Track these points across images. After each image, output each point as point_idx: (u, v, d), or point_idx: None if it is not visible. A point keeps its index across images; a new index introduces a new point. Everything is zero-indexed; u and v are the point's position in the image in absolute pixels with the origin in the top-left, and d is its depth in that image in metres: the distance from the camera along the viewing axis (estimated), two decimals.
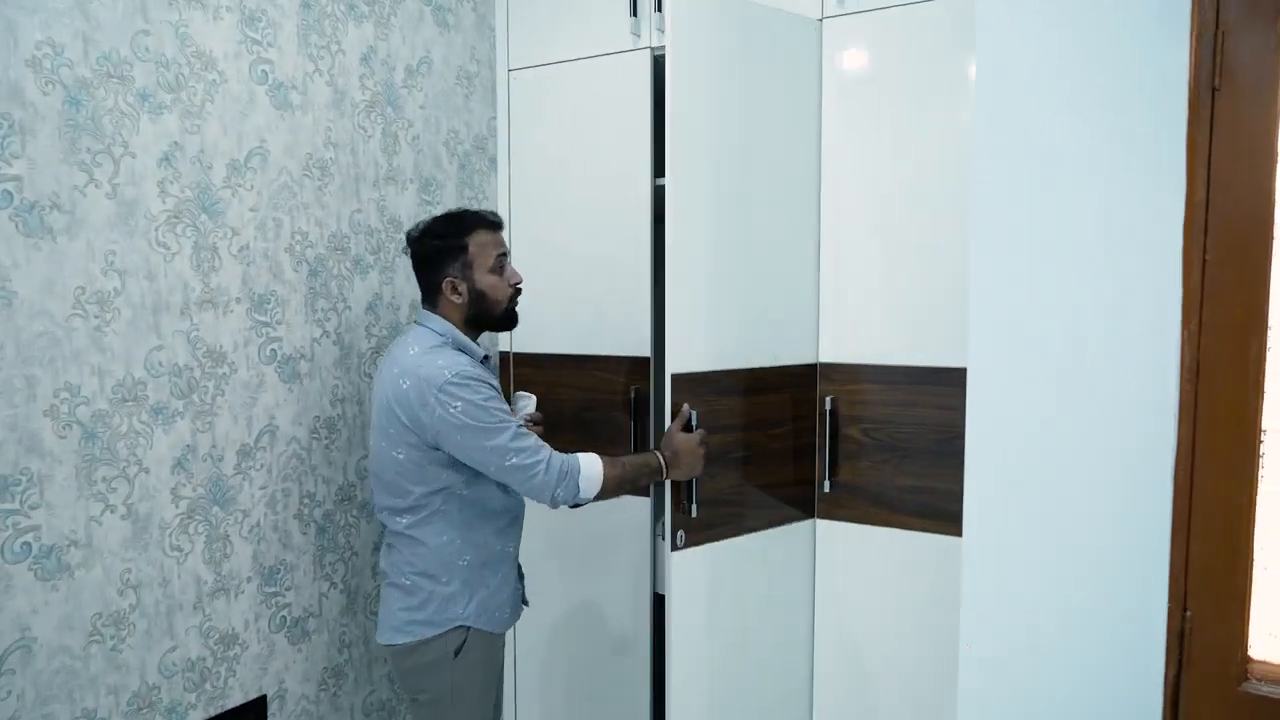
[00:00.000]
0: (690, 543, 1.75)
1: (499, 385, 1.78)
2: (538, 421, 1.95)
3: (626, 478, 1.72)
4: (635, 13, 2.20)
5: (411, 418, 1.66)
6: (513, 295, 1.80)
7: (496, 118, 2.43)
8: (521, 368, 2.40)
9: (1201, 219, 1.15)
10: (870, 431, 1.98)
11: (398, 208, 2.16)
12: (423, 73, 2.21)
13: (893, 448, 1.96)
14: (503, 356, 2.41)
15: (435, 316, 1.76)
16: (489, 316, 1.79)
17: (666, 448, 1.72)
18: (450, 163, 2.30)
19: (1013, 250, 1.26)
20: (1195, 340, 1.16)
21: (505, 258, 1.79)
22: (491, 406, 1.65)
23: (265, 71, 1.85)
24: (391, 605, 1.76)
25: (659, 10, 2.17)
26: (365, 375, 2.09)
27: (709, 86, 1.77)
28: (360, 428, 2.08)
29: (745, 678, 1.93)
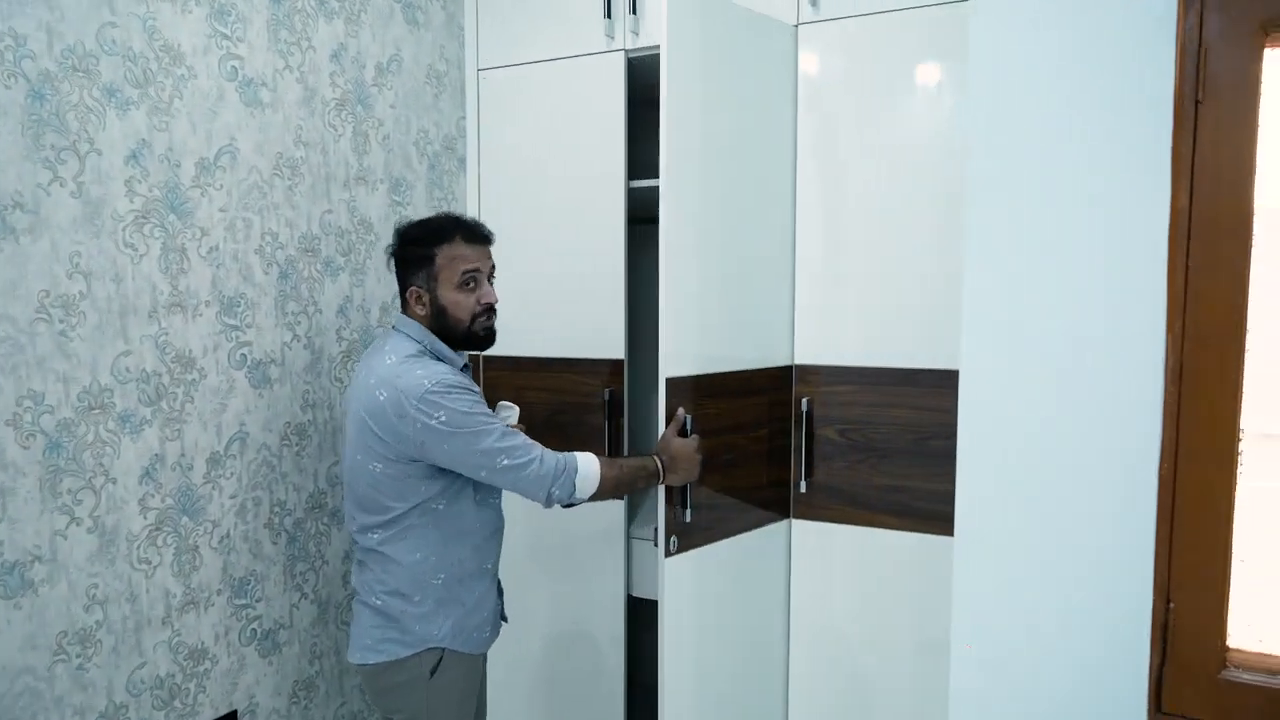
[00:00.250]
0: (682, 548, 1.75)
1: (481, 391, 1.75)
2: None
3: (623, 480, 1.70)
4: (609, 14, 2.19)
5: (388, 430, 1.60)
6: (478, 315, 1.69)
7: (465, 118, 2.40)
8: (491, 371, 2.38)
9: (1185, 226, 1.20)
10: (846, 432, 2.01)
11: (368, 208, 2.11)
12: (393, 71, 2.17)
13: (868, 448, 1.99)
14: (471, 360, 2.38)
15: (413, 322, 1.70)
16: (449, 334, 1.69)
17: (663, 452, 1.71)
18: (420, 163, 2.26)
19: (1006, 256, 1.29)
20: (1179, 344, 1.21)
21: (477, 274, 1.68)
22: (476, 411, 1.62)
23: (235, 67, 1.79)
24: (363, 624, 1.71)
25: (633, 13, 2.17)
26: (336, 380, 2.04)
27: (697, 88, 1.78)
28: (331, 433, 2.03)
29: (728, 680, 1.94)
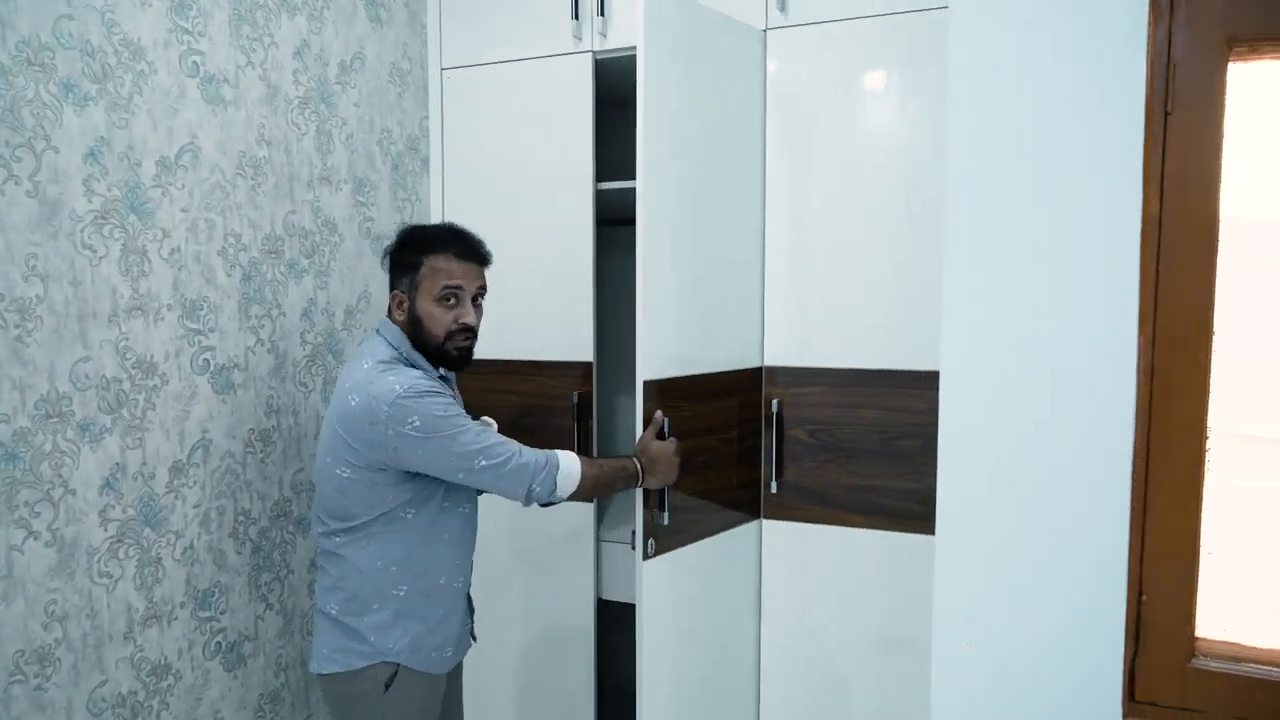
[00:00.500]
0: (658, 550, 1.75)
1: (459, 398, 1.73)
2: None
3: (603, 480, 1.69)
4: (576, 16, 2.19)
5: (358, 436, 1.57)
6: (453, 334, 1.65)
7: (429, 117, 2.36)
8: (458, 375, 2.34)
9: (1155, 233, 1.25)
10: (815, 433, 2.04)
11: (332, 209, 2.07)
12: (356, 69, 2.13)
13: (837, 448, 2.02)
14: None
15: (394, 327, 1.68)
16: (424, 348, 1.66)
17: (642, 455, 1.71)
18: (384, 163, 2.22)
19: (985, 259, 1.32)
20: (1150, 347, 1.25)
21: (459, 292, 1.64)
22: (450, 414, 1.59)
23: (196, 63, 1.74)
24: (321, 632, 1.68)
25: (601, 14, 2.17)
26: (301, 384, 2.00)
27: (672, 90, 1.78)
28: (296, 439, 1.98)
29: (700, 682, 1.95)
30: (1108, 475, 1.27)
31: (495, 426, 1.83)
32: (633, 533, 1.77)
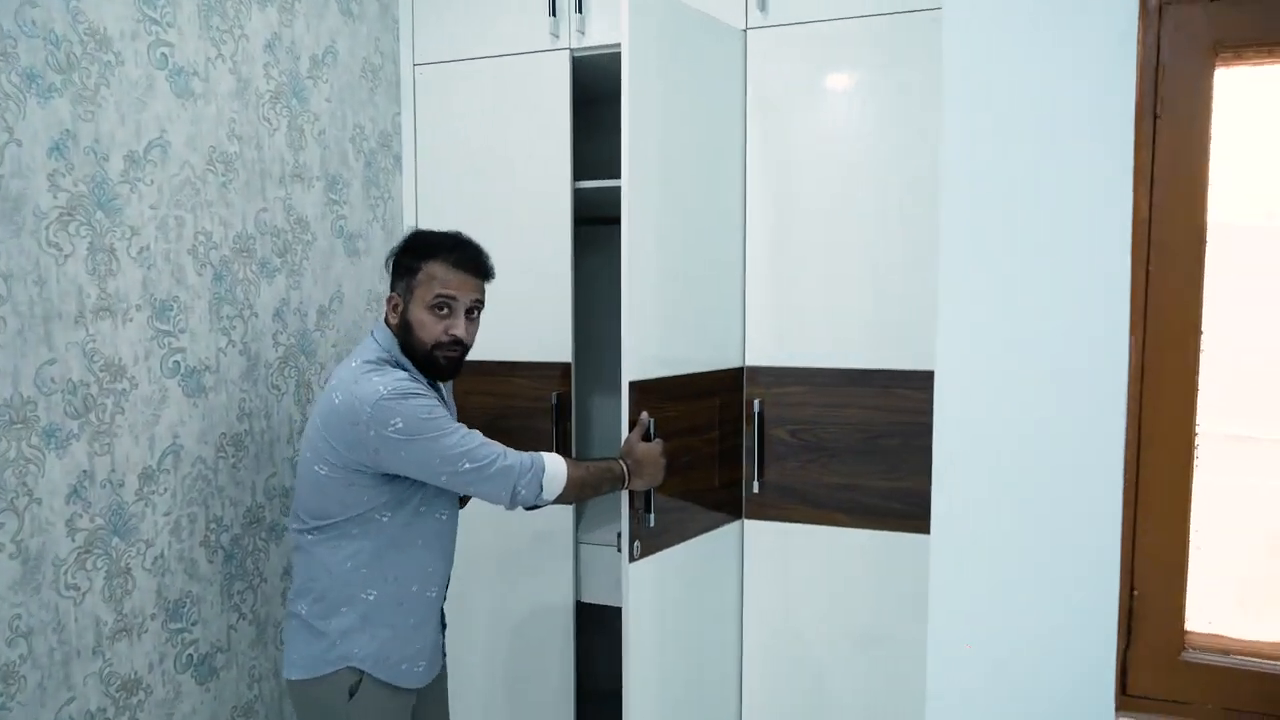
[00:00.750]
0: (644, 552, 1.74)
1: (450, 402, 1.70)
2: None
3: (589, 482, 1.66)
4: (554, 12, 2.16)
5: (339, 436, 1.54)
6: (441, 344, 1.61)
7: (401, 114, 2.32)
8: None
9: (1145, 236, 1.27)
10: (797, 433, 2.04)
11: (304, 206, 2.01)
12: (328, 63, 2.07)
13: (819, 448, 2.03)
14: None
15: (386, 330, 1.65)
16: (412, 354, 1.62)
17: (628, 457, 1.70)
18: (356, 160, 2.17)
19: (980, 260, 1.33)
20: (1140, 348, 1.27)
21: (452, 302, 1.61)
22: (435, 416, 1.56)
23: (165, 55, 1.67)
24: (290, 635, 1.65)
25: (579, 11, 2.14)
26: (273, 387, 1.94)
27: (656, 89, 1.76)
28: (269, 444, 1.93)
29: (684, 685, 1.94)
30: (1102, 474, 1.29)
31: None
32: (618, 535, 1.75)
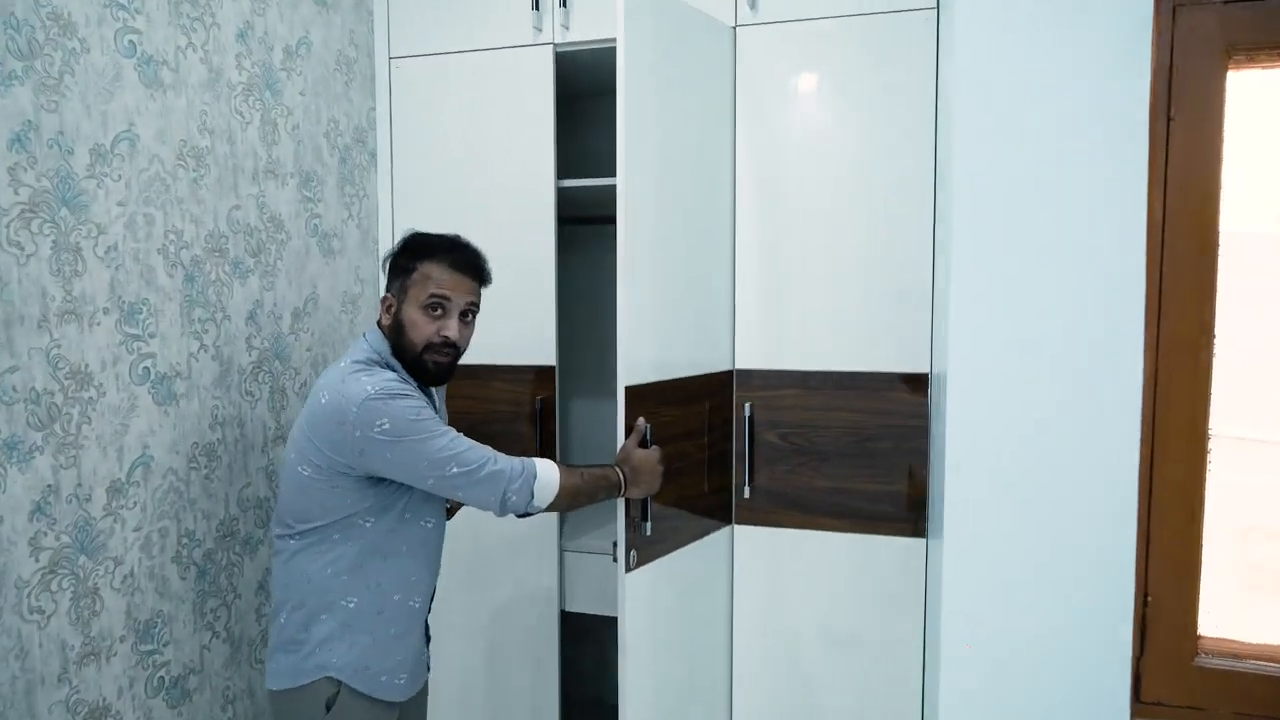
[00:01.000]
0: (640, 561, 1.69)
1: (442, 409, 1.63)
2: None
3: (583, 490, 1.61)
4: (537, 6, 2.10)
5: (323, 436, 1.50)
6: (432, 345, 1.56)
7: (376, 109, 2.24)
8: None
9: (1158, 237, 1.26)
10: (788, 436, 2.01)
11: (278, 204, 1.92)
12: (302, 55, 1.99)
13: (810, 451, 2.00)
14: None
15: (377, 331, 1.61)
16: (403, 356, 1.57)
17: (625, 464, 1.65)
18: (331, 156, 2.08)
19: (993, 263, 1.31)
20: (1154, 349, 1.27)
21: (446, 303, 1.56)
22: (423, 418, 1.50)
23: (133, 42, 1.58)
24: (271, 643, 1.60)
25: (563, 5, 2.09)
26: (246, 393, 1.85)
27: (650, 86, 1.72)
28: (242, 453, 1.84)
29: (678, 693, 1.89)
30: (1112, 478, 1.28)
31: None
32: (614, 544, 1.70)
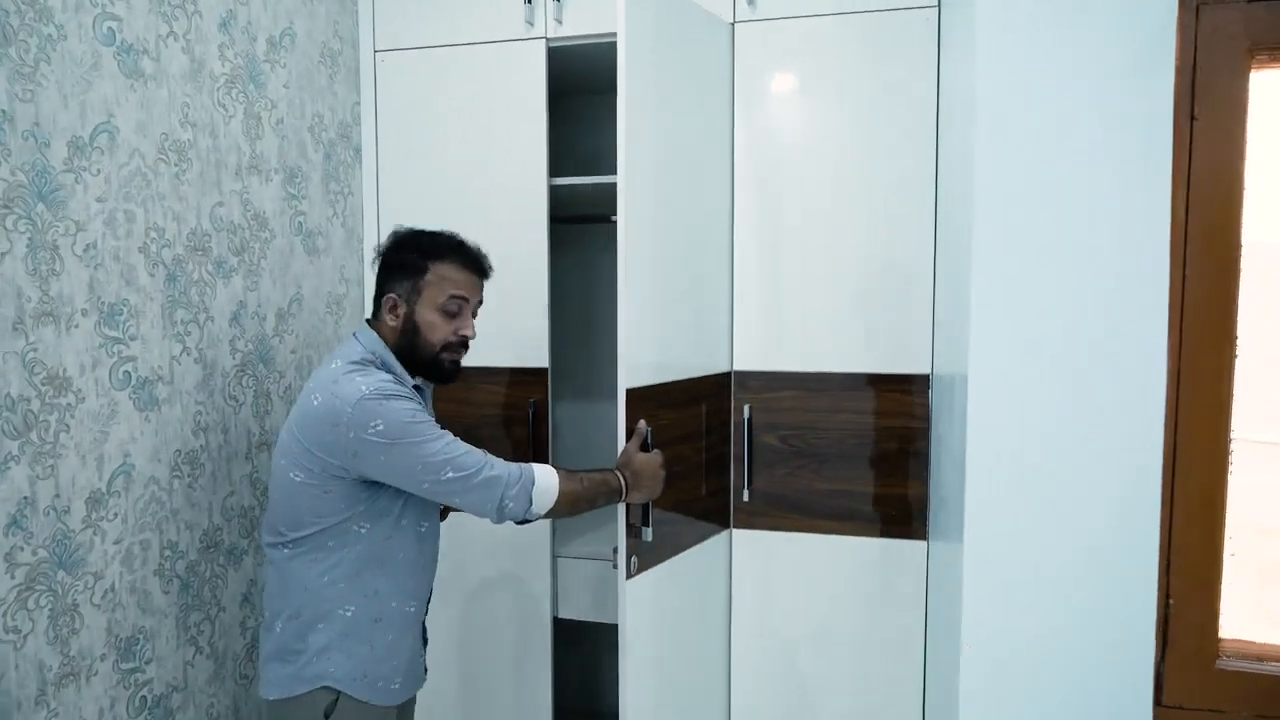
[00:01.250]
0: (641, 568, 1.65)
1: (431, 412, 1.58)
2: None
3: (584, 496, 1.56)
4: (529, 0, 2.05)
5: (316, 439, 1.44)
6: (449, 345, 1.56)
7: (361, 103, 2.17)
8: None
9: (1181, 238, 1.25)
10: (787, 439, 1.99)
11: (262, 201, 1.85)
12: (285, 46, 1.91)
13: (810, 454, 1.97)
14: None
15: (370, 331, 1.55)
16: (415, 356, 1.55)
17: (626, 468, 1.60)
18: (315, 151, 2.01)
19: (1013, 264, 1.29)
20: (1177, 350, 1.25)
21: (464, 303, 1.56)
22: (418, 420, 1.46)
23: (112, 30, 1.50)
24: (265, 653, 1.54)
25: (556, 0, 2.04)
26: (230, 398, 1.77)
27: (651, 82, 1.68)
28: (226, 460, 1.76)
29: (677, 699, 1.86)
30: (1134, 479, 1.26)
31: None
32: (614, 550, 1.66)
